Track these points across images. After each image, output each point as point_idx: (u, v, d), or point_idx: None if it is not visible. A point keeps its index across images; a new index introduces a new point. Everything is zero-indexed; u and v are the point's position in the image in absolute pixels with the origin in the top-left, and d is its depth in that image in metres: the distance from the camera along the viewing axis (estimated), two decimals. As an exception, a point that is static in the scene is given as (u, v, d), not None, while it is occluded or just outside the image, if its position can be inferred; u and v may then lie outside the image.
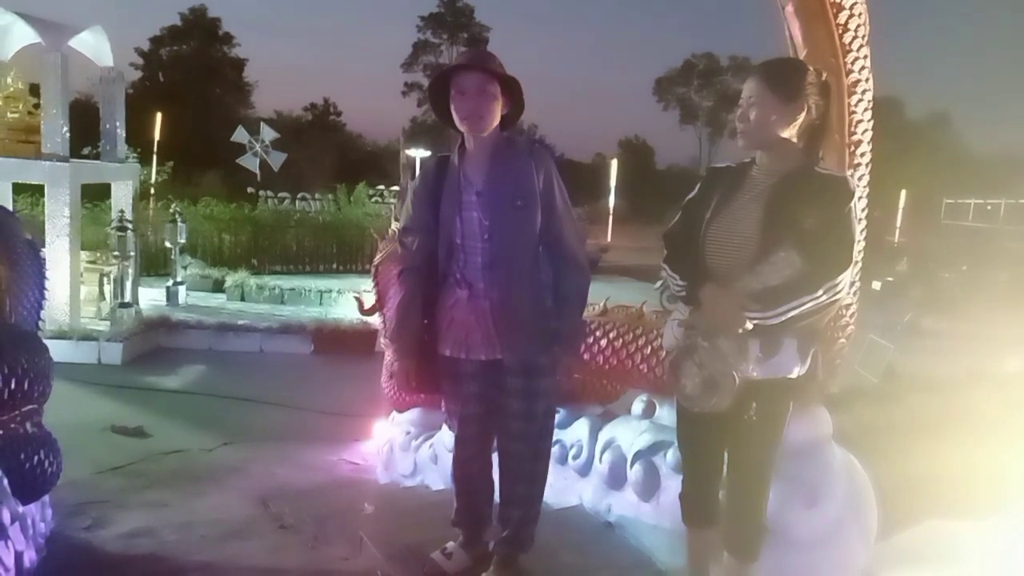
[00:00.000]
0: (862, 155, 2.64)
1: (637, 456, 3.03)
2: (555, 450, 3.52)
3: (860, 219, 2.65)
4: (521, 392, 2.51)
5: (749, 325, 2.01)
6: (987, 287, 12.95)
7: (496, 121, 2.42)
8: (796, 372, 2.12)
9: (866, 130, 2.63)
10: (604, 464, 3.20)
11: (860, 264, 2.68)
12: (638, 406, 3.32)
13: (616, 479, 3.14)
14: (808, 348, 2.13)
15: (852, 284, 2.66)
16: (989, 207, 29.68)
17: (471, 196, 2.45)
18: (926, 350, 8.89)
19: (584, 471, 3.37)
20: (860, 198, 2.65)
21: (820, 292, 1.99)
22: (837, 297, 2.04)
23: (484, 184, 2.44)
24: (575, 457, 3.40)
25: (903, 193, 24.30)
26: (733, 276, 2.09)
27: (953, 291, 13.74)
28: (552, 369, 2.52)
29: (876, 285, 12.80)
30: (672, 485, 2.68)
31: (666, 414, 3.07)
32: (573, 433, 3.47)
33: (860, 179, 2.65)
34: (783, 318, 2.00)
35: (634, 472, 3.02)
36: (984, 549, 2.97)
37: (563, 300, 2.48)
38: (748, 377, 2.05)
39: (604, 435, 3.29)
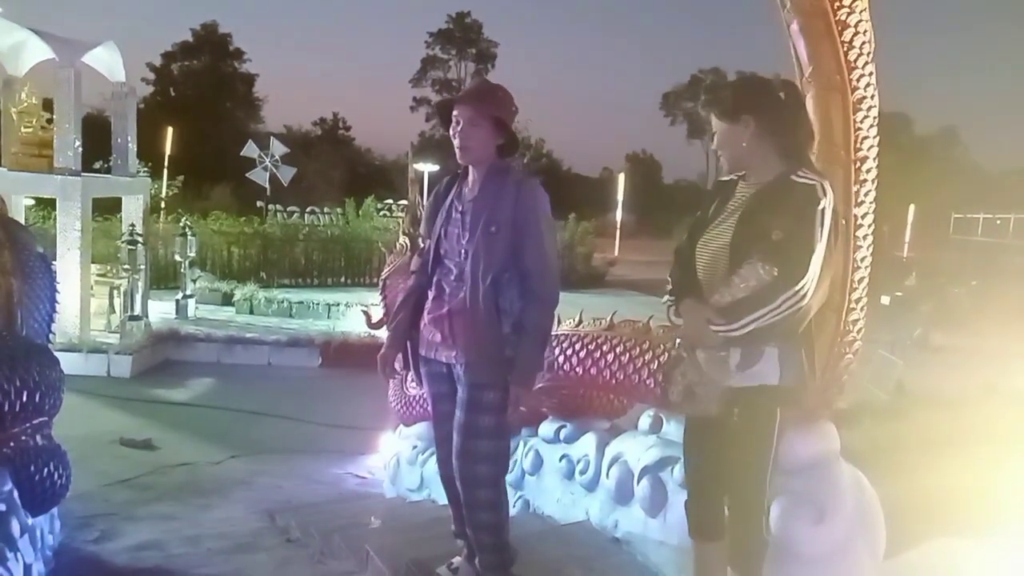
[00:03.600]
0: (868, 171, 2.64)
1: (644, 471, 3.02)
2: (562, 465, 3.52)
3: (867, 235, 2.66)
4: (465, 403, 2.58)
5: (720, 338, 2.08)
6: (997, 302, 12.85)
7: (484, 152, 2.56)
8: (776, 379, 2.14)
9: (872, 146, 2.63)
10: (611, 479, 3.19)
11: (867, 279, 2.68)
12: (645, 421, 3.31)
13: (623, 494, 3.13)
14: (792, 355, 2.15)
15: (859, 300, 2.66)
16: (998, 222, 29.49)
17: (457, 214, 2.61)
18: (936, 365, 8.85)
19: (591, 486, 3.36)
20: (867, 214, 2.66)
21: (778, 302, 2.02)
22: (800, 305, 2.04)
23: (469, 205, 2.59)
24: (582, 472, 3.40)
25: (912, 208, 24.24)
26: (712, 289, 2.16)
27: (963, 306, 13.67)
28: (500, 388, 2.55)
29: (885, 300, 12.74)
30: (679, 501, 2.67)
31: (673, 429, 3.06)
32: (580, 448, 3.47)
33: (866, 195, 2.64)
34: (745, 330, 2.05)
35: (641, 488, 3.01)
36: (994, 568, 2.95)
37: (522, 331, 2.54)
38: (727, 386, 2.10)
39: (611, 450, 3.29)
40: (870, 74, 2.60)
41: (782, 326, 2.07)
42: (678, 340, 2.26)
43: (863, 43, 2.57)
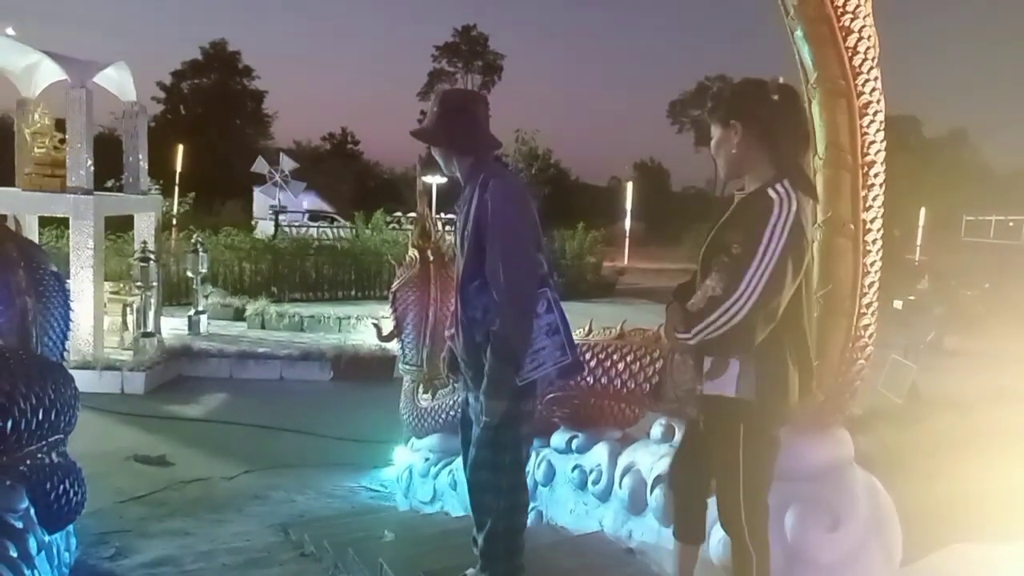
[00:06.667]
0: (875, 176, 2.63)
1: (657, 481, 3.01)
2: (574, 475, 3.52)
3: (876, 239, 2.66)
4: (474, 411, 2.62)
5: (686, 344, 2.15)
6: (1010, 304, 12.74)
7: (448, 163, 2.62)
8: (733, 392, 2.12)
9: (879, 151, 2.63)
10: (624, 489, 3.18)
11: (877, 284, 2.67)
12: (657, 430, 3.30)
13: (636, 504, 3.12)
14: (750, 372, 2.11)
15: (870, 305, 2.65)
16: (1011, 224, 29.29)
17: (456, 221, 2.66)
18: (949, 369, 8.77)
19: (604, 496, 3.35)
20: (876, 219, 2.65)
21: (715, 316, 2.05)
22: (733, 321, 2.03)
23: (459, 211, 2.62)
24: (595, 482, 3.39)
25: (923, 211, 24.11)
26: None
27: (976, 309, 13.56)
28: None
29: (897, 304, 12.68)
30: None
31: (685, 437, 3.05)
32: (592, 458, 3.46)
33: (875, 199, 2.64)
34: (696, 340, 2.11)
35: (655, 497, 2.99)
36: (1011, 573, 2.91)
37: (492, 338, 2.43)
38: (692, 391, 2.17)
39: (623, 460, 3.28)
40: (875, 79, 2.60)
41: (736, 339, 2.06)
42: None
43: (867, 48, 2.57)
